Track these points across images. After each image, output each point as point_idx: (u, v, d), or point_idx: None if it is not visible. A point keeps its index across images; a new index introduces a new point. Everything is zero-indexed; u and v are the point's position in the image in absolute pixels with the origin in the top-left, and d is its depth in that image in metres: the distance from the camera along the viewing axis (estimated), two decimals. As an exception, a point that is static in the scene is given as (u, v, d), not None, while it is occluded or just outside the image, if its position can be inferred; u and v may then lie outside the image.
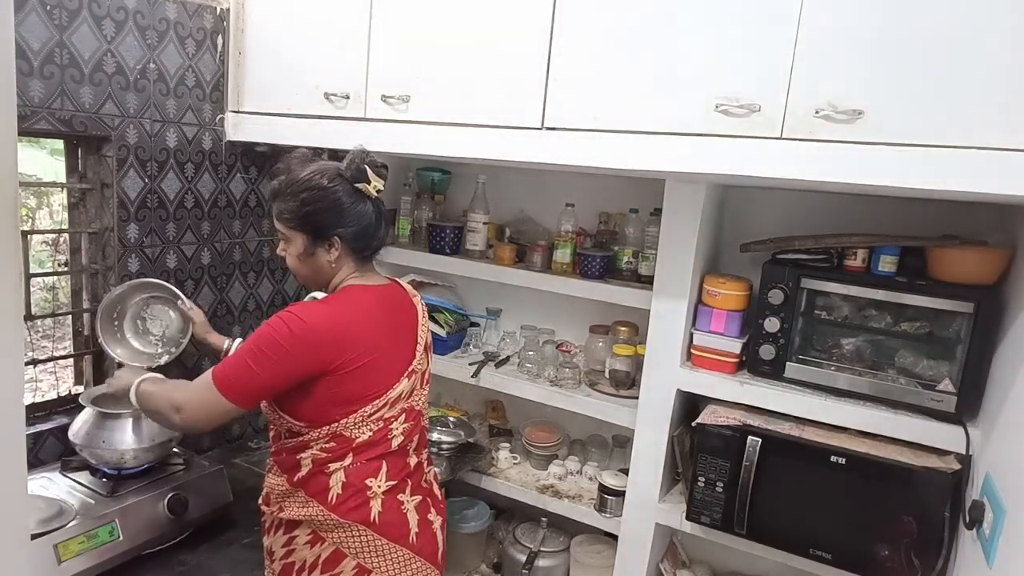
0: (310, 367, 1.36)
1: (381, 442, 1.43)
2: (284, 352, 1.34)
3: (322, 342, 1.36)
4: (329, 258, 1.46)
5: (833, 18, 1.34)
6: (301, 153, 1.51)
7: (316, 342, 1.35)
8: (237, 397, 1.36)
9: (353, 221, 1.44)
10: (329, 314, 1.39)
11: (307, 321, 1.35)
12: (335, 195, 1.42)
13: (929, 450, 1.57)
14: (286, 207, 1.45)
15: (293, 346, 1.34)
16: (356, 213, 1.44)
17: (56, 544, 1.54)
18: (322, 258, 1.46)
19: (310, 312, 1.38)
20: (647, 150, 1.55)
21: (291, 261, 1.50)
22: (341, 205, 1.43)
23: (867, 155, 1.33)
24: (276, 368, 1.34)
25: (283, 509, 1.45)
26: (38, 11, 1.72)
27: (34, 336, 2.61)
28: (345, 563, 1.41)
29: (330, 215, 1.43)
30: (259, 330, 1.38)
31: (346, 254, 1.47)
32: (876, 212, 1.79)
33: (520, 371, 2.20)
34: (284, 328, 1.35)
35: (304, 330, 1.35)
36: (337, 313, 1.40)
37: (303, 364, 1.35)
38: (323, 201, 1.42)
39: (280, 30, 2.11)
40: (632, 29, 1.55)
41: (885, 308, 1.67)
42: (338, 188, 1.43)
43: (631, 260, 2.07)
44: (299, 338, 1.34)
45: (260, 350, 1.35)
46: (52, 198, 3.65)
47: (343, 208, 1.43)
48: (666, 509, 1.90)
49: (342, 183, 1.43)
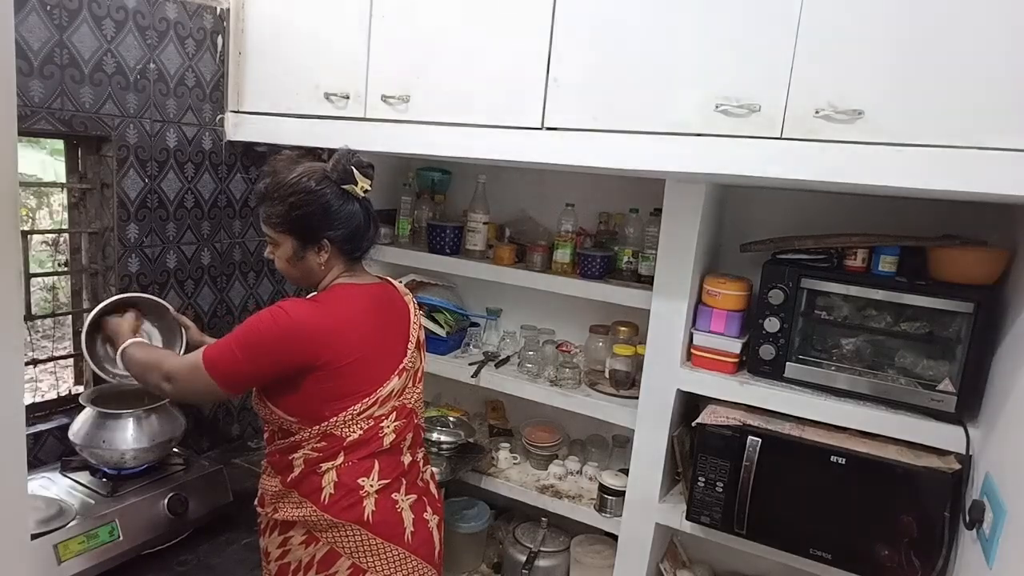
0: (294, 360, 1.37)
1: (372, 441, 1.44)
2: (266, 343, 1.36)
3: (306, 337, 1.37)
4: (319, 260, 1.46)
5: (833, 18, 1.34)
6: (286, 155, 1.50)
7: (300, 336, 1.36)
8: (222, 380, 1.39)
9: (342, 223, 1.44)
10: (316, 311, 1.40)
11: (292, 316, 1.37)
12: (323, 198, 1.42)
13: (929, 450, 1.57)
14: (274, 211, 1.44)
15: (276, 338, 1.36)
16: (345, 215, 1.44)
17: (56, 544, 1.54)
18: (312, 261, 1.47)
19: (297, 307, 1.39)
20: (647, 150, 1.55)
21: (280, 264, 1.49)
22: (329, 208, 1.42)
23: (867, 155, 1.33)
24: (258, 358, 1.37)
25: (277, 510, 1.46)
26: (38, 11, 1.72)
27: (34, 336, 2.60)
28: (340, 563, 1.41)
29: (319, 218, 1.42)
30: (248, 320, 1.41)
31: (336, 256, 1.48)
32: (876, 212, 1.79)
33: (520, 371, 2.20)
34: (269, 320, 1.37)
35: (288, 324, 1.36)
36: (324, 310, 1.41)
37: (286, 357, 1.37)
38: (311, 205, 1.41)
39: (280, 30, 2.11)
40: (632, 29, 1.55)
41: (885, 308, 1.66)
42: (326, 191, 1.42)
43: (631, 260, 2.07)
44: (283, 331, 1.36)
45: (245, 339, 1.38)
46: (52, 198, 3.65)
47: (331, 211, 1.43)
48: (666, 509, 1.90)
49: (329, 185, 1.43)
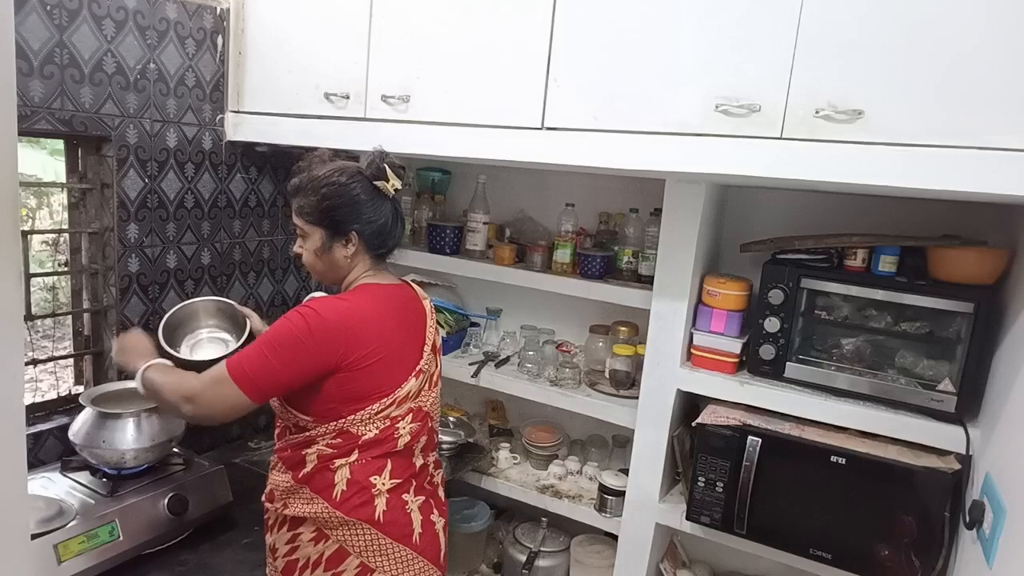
0: (325, 362, 1.37)
1: (387, 441, 1.44)
2: (300, 346, 1.35)
3: (337, 337, 1.37)
4: (345, 253, 1.49)
5: (833, 18, 1.34)
6: (321, 152, 1.55)
7: (331, 337, 1.37)
8: (253, 390, 1.36)
9: (371, 218, 1.48)
10: (344, 310, 1.41)
11: (324, 315, 1.37)
12: (354, 191, 1.46)
13: (929, 450, 1.57)
14: (306, 202, 1.48)
15: (310, 340, 1.36)
16: (374, 210, 1.48)
17: (56, 544, 1.54)
18: (338, 253, 1.49)
19: (327, 307, 1.40)
20: (647, 150, 1.55)
21: (308, 257, 1.52)
22: (359, 201, 1.46)
23: (867, 155, 1.33)
24: (293, 362, 1.36)
25: (287, 506, 1.45)
26: (38, 11, 1.72)
27: (34, 336, 2.61)
28: (348, 561, 1.41)
29: (348, 210, 1.46)
30: (276, 324, 1.40)
31: (362, 251, 1.50)
32: (876, 212, 1.79)
33: (520, 371, 2.20)
34: (301, 322, 1.37)
35: (321, 324, 1.37)
36: (352, 309, 1.42)
37: (318, 358, 1.37)
38: (342, 197, 1.45)
39: (280, 30, 2.11)
40: (632, 29, 1.55)
41: (885, 308, 1.66)
42: (357, 185, 1.46)
43: (631, 260, 2.07)
44: (315, 332, 1.36)
45: (278, 343, 1.37)
46: (52, 198, 3.64)
47: (361, 204, 1.46)
48: (666, 509, 1.90)
49: (361, 180, 1.47)
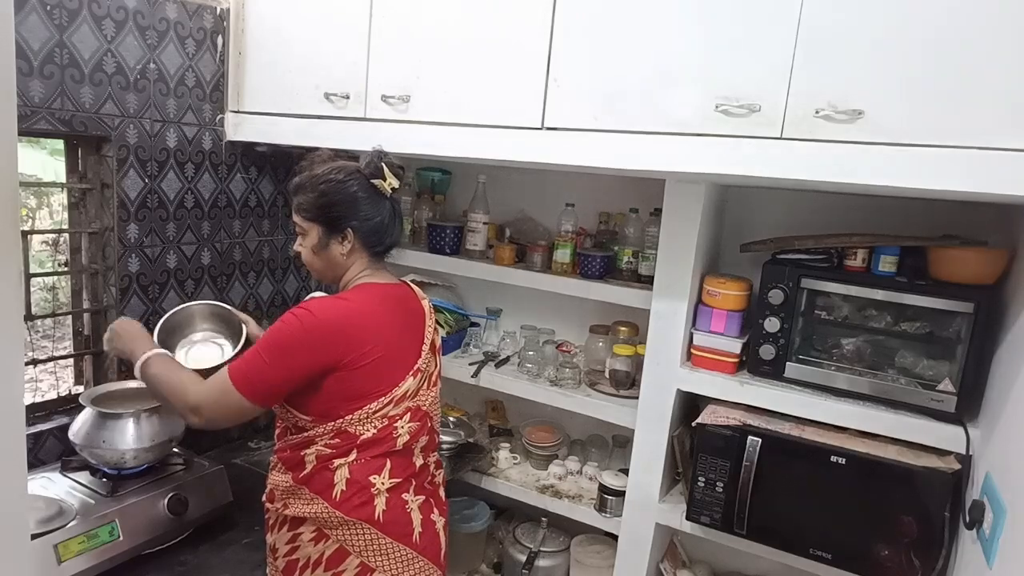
0: (322, 361, 1.38)
1: (386, 440, 1.44)
2: (297, 346, 1.36)
3: (332, 336, 1.38)
4: (342, 250, 1.50)
5: (833, 18, 1.34)
6: (322, 152, 1.58)
7: (327, 336, 1.38)
8: (255, 394, 1.37)
9: (367, 215, 1.49)
10: (340, 309, 1.42)
11: (318, 315, 1.38)
12: (351, 188, 1.48)
13: (929, 450, 1.56)
14: (305, 199, 1.51)
15: (305, 340, 1.37)
16: (371, 208, 1.50)
17: (56, 544, 1.54)
18: (335, 251, 1.51)
19: (321, 307, 1.41)
20: (647, 150, 1.55)
21: (306, 254, 1.54)
22: (356, 199, 1.48)
23: (867, 155, 1.33)
24: (290, 362, 1.37)
25: (287, 506, 1.46)
26: (38, 11, 1.72)
27: (34, 336, 2.61)
28: (349, 561, 1.42)
29: (345, 207, 1.48)
30: (272, 328, 1.42)
31: (359, 249, 1.51)
32: (876, 212, 1.79)
33: (520, 371, 2.20)
34: (296, 322, 1.38)
35: (315, 324, 1.37)
36: (348, 308, 1.43)
37: (315, 358, 1.37)
38: (339, 194, 1.48)
39: (280, 30, 2.11)
40: (632, 29, 1.55)
41: (885, 308, 1.66)
42: (354, 183, 1.49)
43: (631, 260, 2.07)
44: (310, 332, 1.37)
45: (273, 345, 1.38)
46: (52, 198, 3.64)
47: (358, 201, 1.49)
48: (666, 509, 1.90)
49: (359, 178, 1.49)
